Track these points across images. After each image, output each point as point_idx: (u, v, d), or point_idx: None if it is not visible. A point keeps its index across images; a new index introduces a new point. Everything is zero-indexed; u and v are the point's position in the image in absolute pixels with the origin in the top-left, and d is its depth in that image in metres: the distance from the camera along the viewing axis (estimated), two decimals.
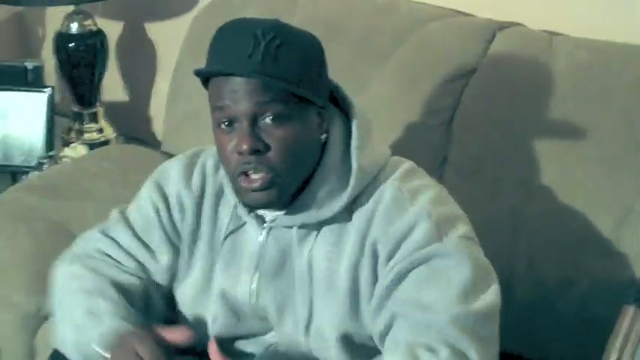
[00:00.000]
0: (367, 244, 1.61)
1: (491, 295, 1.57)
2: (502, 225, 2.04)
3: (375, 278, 1.61)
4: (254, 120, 1.53)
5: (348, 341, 1.64)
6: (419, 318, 1.52)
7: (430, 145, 2.16)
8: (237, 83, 1.52)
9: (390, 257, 1.58)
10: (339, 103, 1.68)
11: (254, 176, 1.55)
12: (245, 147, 1.52)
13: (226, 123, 1.55)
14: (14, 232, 2.23)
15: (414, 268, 1.56)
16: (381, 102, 2.21)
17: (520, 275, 2.03)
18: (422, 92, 2.19)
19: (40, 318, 2.17)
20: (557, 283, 2.00)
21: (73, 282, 1.75)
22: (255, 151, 1.53)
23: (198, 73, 1.58)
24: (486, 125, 2.12)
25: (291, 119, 1.55)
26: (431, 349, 1.49)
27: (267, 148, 1.54)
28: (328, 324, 1.63)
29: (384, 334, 1.58)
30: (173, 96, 2.66)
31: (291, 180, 1.59)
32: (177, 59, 2.65)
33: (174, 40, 2.69)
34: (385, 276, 1.59)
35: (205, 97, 1.58)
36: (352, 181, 1.60)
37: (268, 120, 1.53)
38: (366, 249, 1.61)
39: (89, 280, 1.73)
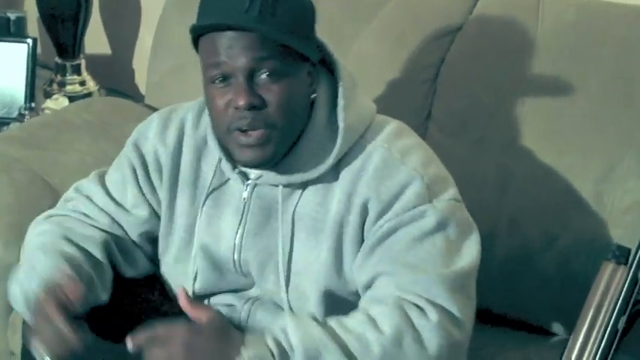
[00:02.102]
0: (355, 203, 1.61)
1: (472, 254, 1.60)
2: (486, 183, 2.06)
3: (361, 236, 1.62)
4: (251, 75, 1.53)
5: (329, 297, 1.65)
6: (406, 276, 1.54)
7: (415, 101, 2.16)
8: (234, 38, 1.51)
9: (380, 216, 1.59)
10: (324, 61, 1.68)
11: (250, 133, 1.55)
12: (242, 102, 1.52)
13: (220, 79, 1.55)
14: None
15: (402, 226, 1.57)
16: (367, 58, 2.21)
17: (503, 233, 2.04)
18: (407, 49, 2.19)
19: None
20: (540, 241, 2.01)
21: (37, 238, 1.77)
22: (252, 107, 1.53)
23: (194, 28, 1.56)
24: (471, 83, 2.13)
25: (287, 75, 1.55)
26: (419, 308, 1.51)
27: (264, 103, 1.54)
28: (310, 281, 1.65)
29: (367, 287, 1.59)
30: (157, 49, 2.65)
31: (286, 136, 1.59)
32: (161, 13, 2.64)
33: None
34: (374, 233, 1.60)
35: (189, 50, 1.58)
36: (339, 141, 1.61)
37: (264, 76, 1.53)
38: (353, 207, 1.61)
39: (48, 237, 1.74)
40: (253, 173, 1.67)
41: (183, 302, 1.53)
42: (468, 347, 1.58)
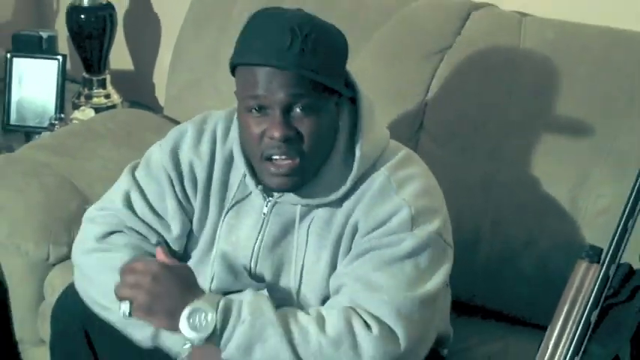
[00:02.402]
0: (349, 223, 1.61)
1: (435, 283, 1.58)
2: (472, 188, 2.05)
3: (348, 250, 1.63)
4: (287, 109, 1.52)
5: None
6: (363, 293, 1.53)
7: (408, 113, 2.15)
8: (273, 74, 1.49)
9: (365, 235, 1.59)
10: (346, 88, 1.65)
11: (282, 162, 1.54)
12: (278, 134, 1.50)
13: (257, 109, 1.53)
14: (26, 186, 2.23)
15: (377, 249, 1.57)
16: (365, 73, 2.18)
17: (486, 234, 2.04)
18: (402, 65, 2.20)
19: (47, 265, 2.18)
20: (520, 241, 2.01)
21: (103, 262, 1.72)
22: (287, 139, 1.52)
23: (235, 63, 1.55)
24: (460, 96, 2.13)
25: (319, 109, 1.53)
26: (364, 321, 1.50)
27: (298, 135, 1.53)
28: (313, 290, 1.65)
29: (333, 294, 1.60)
30: (175, 65, 2.66)
31: (313, 165, 1.58)
32: (179, 32, 2.65)
33: (176, 14, 2.69)
34: (354, 249, 1.61)
35: (204, 66, 1.58)
36: (355, 168, 1.60)
37: (299, 110, 1.52)
38: (348, 227, 1.61)
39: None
40: (276, 192, 1.65)
41: (160, 257, 1.57)
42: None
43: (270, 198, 1.66)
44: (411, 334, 1.52)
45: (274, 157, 1.54)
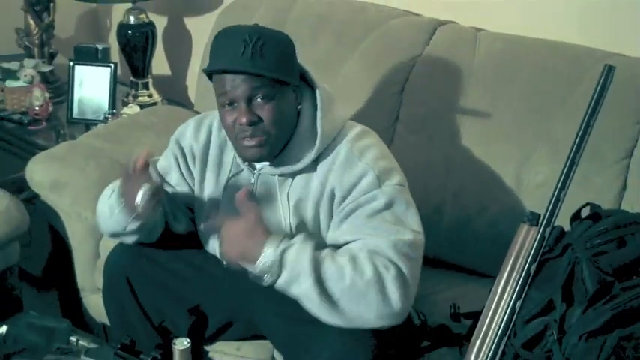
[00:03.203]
0: (326, 190, 1.62)
1: (417, 229, 1.58)
2: (436, 167, 2.04)
3: (331, 214, 1.63)
4: (249, 100, 1.54)
5: None
6: (370, 240, 1.53)
7: (387, 108, 2.14)
8: (234, 75, 1.53)
9: (342, 200, 1.60)
10: (307, 83, 1.67)
11: (250, 140, 1.57)
12: (244, 120, 1.54)
13: (228, 103, 1.56)
14: (85, 166, 2.22)
15: (359, 207, 1.57)
16: (353, 77, 2.20)
17: (449, 204, 2.03)
18: (382, 70, 2.17)
19: None
20: (475, 209, 2.00)
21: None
22: (251, 123, 1.55)
23: (205, 70, 1.59)
24: (427, 95, 2.11)
25: (275, 97, 1.56)
26: (384, 263, 1.50)
27: (260, 119, 1.56)
28: None
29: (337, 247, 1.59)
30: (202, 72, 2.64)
31: (278, 141, 1.60)
32: (206, 44, 2.63)
33: (204, 29, 2.66)
34: (339, 214, 1.60)
35: None
36: (317, 143, 1.61)
37: (259, 99, 1.55)
38: (325, 193, 1.62)
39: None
40: (258, 166, 1.68)
41: (241, 195, 1.55)
42: (415, 295, 1.56)
43: (255, 170, 1.68)
44: (413, 272, 1.52)
45: (245, 139, 1.58)
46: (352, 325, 1.50)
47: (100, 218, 1.78)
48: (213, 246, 1.77)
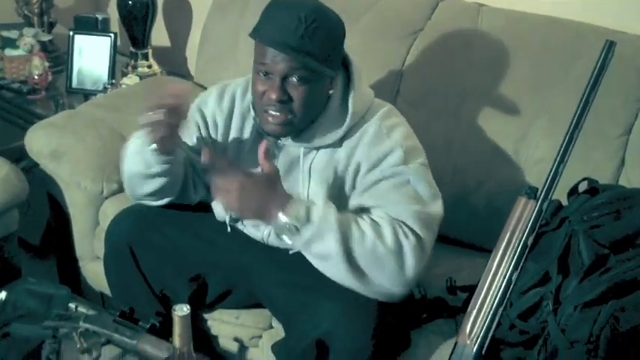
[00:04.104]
0: (352, 163, 1.63)
1: (437, 206, 1.61)
2: (437, 142, 2.05)
3: (353, 186, 1.65)
4: (285, 78, 1.54)
5: None
6: (391, 208, 1.55)
7: (388, 81, 2.15)
8: (277, 51, 1.52)
9: (368, 171, 1.61)
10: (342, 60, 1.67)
11: (275, 114, 1.57)
12: (274, 96, 1.55)
13: (264, 73, 1.56)
14: (85, 135, 2.23)
15: (385, 179, 1.59)
16: (355, 51, 2.13)
17: (448, 178, 2.04)
18: (384, 44, 2.18)
19: (102, 198, 2.19)
20: (474, 184, 2.02)
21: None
22: (281, 101, 1.55)
23: (254, 37, 1.57)
24: (428, 69, 2.12)
25: (311, 81, 1.55)
26: (403, 230, 1.52)
27: (291, 99, 1.56)
28: None
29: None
30: (203, 43, 2.63)
31: (301, 122, 1.61)
32: (207, 15, 2.63)
33: (205, 1, 2.67)
34: (363, 183, 1.62)
35: (227, 45, 1.57)
36: (347, 121, 1.62)
37: (294, 79, 1.54)
38: (351, 166, 1.64)
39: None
40: (282, 138, 1.68)
41: (261, 149, 1.53)
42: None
43: (279, 141, 1.66)
44: (430, 243, 1.55)
45: (270, 111, 1.58)
46: (365, 290, 1.52)
47: (127, 158, 1.74)
48: (224, 214, 1.77)
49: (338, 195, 1.66)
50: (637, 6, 2.01)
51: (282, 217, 1.48)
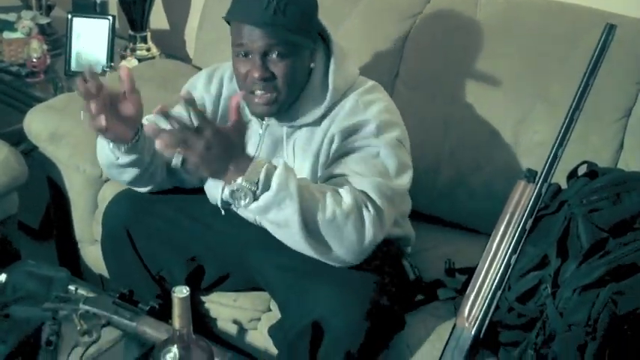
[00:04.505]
0: (327, 137, 1.63)
1: (402, 180, 1.60)
2: (434, 124, 2.05)
3: (328, 158, 1.64)
4: (264, 55, 1.54)
5: None
6: (355, 179, 1.53)
7: (387, 64, 2.14)
8: (253, 28, 1.52)
9: (340, 142, 1.61)
10: (322, 37, 1.67)
11: (261, 95, 1.57)
12: (257, 75, 1.54)
13: (243, 54, 1.56)
14: (84, 117, 2.21)
15: (354, 151, 1.59)
16: (354, 33, 2.19)
17: (445, 161, 2.04)
18: (383, 27, 2.17)
19: (100, 181, 2.19)
20: (472, 167, 2.01)
21: None
22: (265, 79, 1.54)
23: (227, 18, 1.58)
24: (427, 52, 2.11)
25: (291, 55, 1.55)
26: (364, 201, 1.49)
27: (274, 76, 1.55)
28: None
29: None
30: (202, 26, 2.63)
31: (287, 98, 1.60)
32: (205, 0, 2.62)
33: None
34: (333, 155, 1.62)
35: (224, 29, 1.56)
36: (328, 97, 1.62)
37: (274, 56, 1.54)
38: (326, 140, 1.63)
39: None
40: (266, 118, 1.68)
41: (233, 102, 1.40)
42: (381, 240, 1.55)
43: (264, 121, 1.68)
44: (389, 216, 1.54)
45: (256, 91, 1.57)
46: (321, 257, 1.50)
47: (97, 150, 1.73)
48: (216, 197, 1.77)
49: (313, 171, 1.66)
50: None
51: (240, 180, 1.39)
